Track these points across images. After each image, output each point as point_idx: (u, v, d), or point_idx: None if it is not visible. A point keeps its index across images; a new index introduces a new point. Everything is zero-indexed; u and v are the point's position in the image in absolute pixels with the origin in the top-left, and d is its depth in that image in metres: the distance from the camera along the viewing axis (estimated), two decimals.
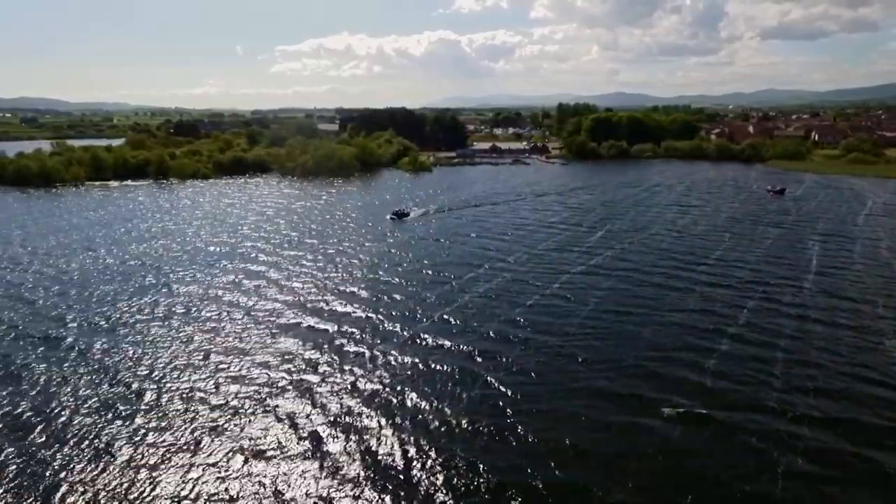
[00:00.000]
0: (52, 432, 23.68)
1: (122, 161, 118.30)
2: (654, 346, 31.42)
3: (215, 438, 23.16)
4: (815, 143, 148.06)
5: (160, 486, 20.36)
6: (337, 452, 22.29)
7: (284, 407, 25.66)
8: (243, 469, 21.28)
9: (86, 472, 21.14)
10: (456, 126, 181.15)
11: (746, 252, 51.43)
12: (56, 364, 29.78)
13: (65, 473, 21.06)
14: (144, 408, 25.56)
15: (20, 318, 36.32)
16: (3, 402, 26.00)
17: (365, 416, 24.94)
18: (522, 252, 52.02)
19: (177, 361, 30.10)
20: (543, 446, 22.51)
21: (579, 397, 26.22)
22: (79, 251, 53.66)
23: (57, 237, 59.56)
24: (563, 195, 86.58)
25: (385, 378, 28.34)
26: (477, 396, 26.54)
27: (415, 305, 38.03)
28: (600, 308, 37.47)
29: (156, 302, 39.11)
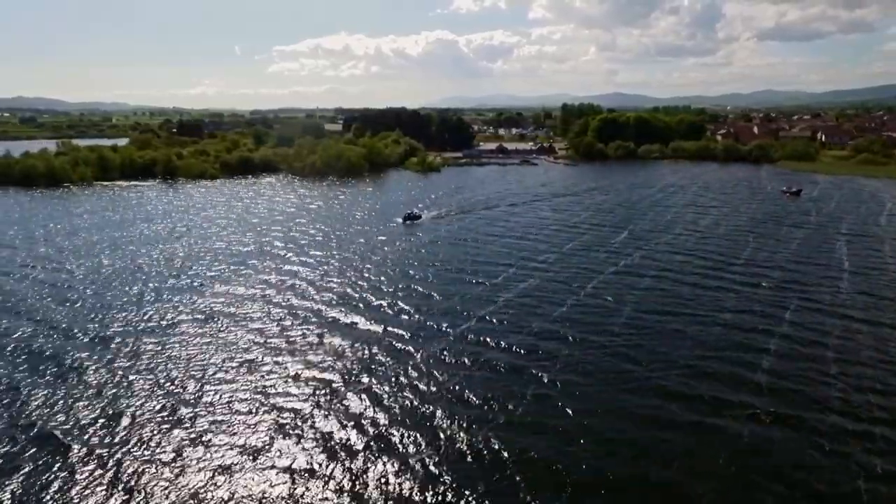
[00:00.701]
0: (113, 431, 23.65)
1: (129, 161, 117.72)
2: (703, 346, 31.56)
3: (279, 440, 23.20)
4: (823, 145, 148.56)
5: (225, 488, 20.16)
6: (405, 452, 22.36)
7: (344, 408, 25.64)
8: (315, 470, 21.29)
9: (148, 473, 21.15)
10: (461, 126, 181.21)
11: (775, 253, 51.57)
12: (108, 364, 29.75)
13: (129, 476, 21.05)
14: (203, 410, 25.56)
15: (65, 317, 36.24)
16: (65, 401, 25.95)
17: (427, 415, 24.99)
18: (550, 253, 52.01)
19: (229, 362, 30.09)
20: (613, 445, 22.69)
21: (639, 396, 26.41)
22: (107, 250, 53.64)
23: (81, 236, 59.43)
24: (579, 196, 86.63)
25: (440, 378, 28.34)
26: (536, 396, 26.60)
27: (453, 307, 37.92)
28: (640, 308, 37.50)
29: (195, 301, 39.12)
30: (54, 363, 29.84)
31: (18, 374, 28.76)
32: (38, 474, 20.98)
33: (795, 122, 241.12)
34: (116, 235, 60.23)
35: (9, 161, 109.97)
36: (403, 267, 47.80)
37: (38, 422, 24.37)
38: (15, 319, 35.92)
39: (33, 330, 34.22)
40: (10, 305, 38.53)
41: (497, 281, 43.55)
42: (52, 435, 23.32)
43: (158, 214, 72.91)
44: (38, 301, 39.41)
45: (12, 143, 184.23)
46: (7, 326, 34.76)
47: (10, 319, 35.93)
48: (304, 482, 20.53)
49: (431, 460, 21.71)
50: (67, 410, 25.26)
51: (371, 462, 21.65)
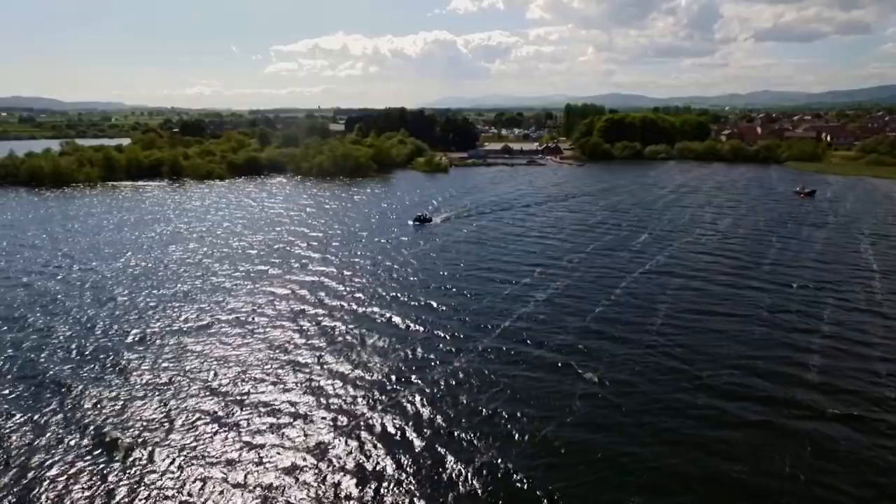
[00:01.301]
0: (166, 431, 23.56)
1: (135, 161, 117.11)
2: (747, 345, 31.83)
3: (337, 440, 23.19)
4: (829, 145, 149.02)
5: (257, 488, 19.94)
6: (467, 451, 22.27)
7: (399, 408, 25.64)
8: (377, 470, 21.28)
9: (206, 474, 21.09)
10: (466, 127, 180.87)
11: (800, 253, 51.70)
12: (153, 364, 29.66)
13: (188, 475, 20.98)
14: (255, 411, 25.51)
15: (102, 318, 36.05)
16: (116, 402, 25.86)
17: (484, 415, 24.95)
18: (574, 254, 51.92)
19: (272, 361, 30.01)
20: (675, 443, 22.71)
21: (692, 395, 26.37)
22: (131, 250, 53.65)
23: (102, 236, 59.59)
24: (592, 196, 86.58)
25: (489, 377, 28.24)
26: (587, 395, 26.70)
27: (487, 308, 37.82)
28: (677, 308, 37.54)
29: (226, 301, 39.12)
30: (99, 363, 29.77)
31: (67, 373, 28.65)
32: (99, 474, 20.91)
33: (797, 122, 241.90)
34: (136, 236, 60.10)
35: (14, 161, 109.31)
36: (428, 268, 47.69)
37: (93, 422, 24.28)
38: (54, 320, 35.81)
39: (74, 330, 34.12)
40: (47, 306, 38.42)
41: (526, 282, 43.41)
42: (106, 434, 23.23)
43: (174, 215, 72.58)
44: (74, 301, 39.26)
45: (13, 142, 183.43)
46: (49, 327, 34.66)
47: (48, 319, 35.87)
48: (368, 482, 20.51)
49: (496, 460, 21.74)
50: (119, 411, 25.18)
51: (434, 462, 21.69)
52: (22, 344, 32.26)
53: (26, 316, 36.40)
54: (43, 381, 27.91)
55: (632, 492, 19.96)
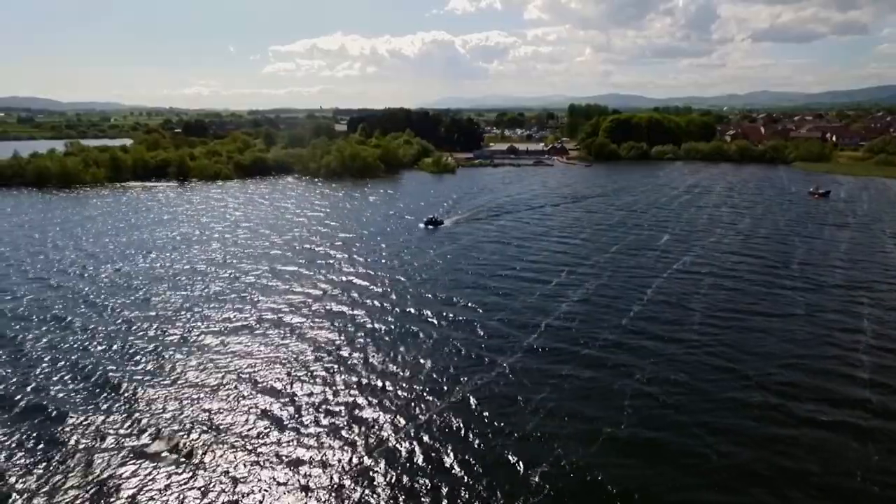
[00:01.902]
0: (218, 429, 23.54)
1: (141, 162, 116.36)
2: (793, 344, 32.17)
3: (380, 456, 23.11)
4: (835, 145, 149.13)
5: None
6: (508, 467, 21.92)
7: (442, 421, 25.34)
8: (411, 475, 21.28)
9: (250, 475, 21.09)
10: (471, 127, 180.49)
11: (827, 253, 51.68)
12: (199, 364, 29.55)
13: (220, 475, 21.00)
14: (293, 417, 25.44)
15: (141, 319, 35.89)
16: (172, 397, 25.83)
17: (524, 429, 24.28)
18: (598, 255, 51.82)
19: (313, 364, 30.01)
20: (738, 439, 22.64)
21: (746, 393, 26.42)
22: (154, 251, 53.43)
23: (124, 237, 59.21)
24: (606, 197, 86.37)
25: (535, 379, 27.95)
26: (639, 393, 26.81)
27: (519, 310, 37.60)
28: (713, 308, 37.55)
29: (261, 302, 38.90)
30: (146, 364, 29.76)
31: (116, 375, 28.50)
32: (159, 475, 20.94)
33: (799, 122, 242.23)
34: (157, 236, 60.01)
35: (20, 161, 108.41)
36: (456, 269, 47.63)
37: (148, 422, 24.21)
38: (92, 321, 35.63)
39: (115, 332, 33.97)
40: (82, 307, 38.22)
41: (556, 282, 43.29)
42: (163, 434, 23.20)
43: (190, 216, 72.19)
44: (108, 302, 39.10)
45: (13, 143, 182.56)
46: (88, 328, 34.48)
47: (86, 321, 35.64)
48: (435, 482, 20.50)
49: (562, 460, 21.71)
50: (174, 411, 25.14)
51: (500, 461, 21.68)
52: (64, 345, 32.15)
53: (64, 317, 36.27)
54: (95, 383, 27.85)
55: (703, 490, 20.12)
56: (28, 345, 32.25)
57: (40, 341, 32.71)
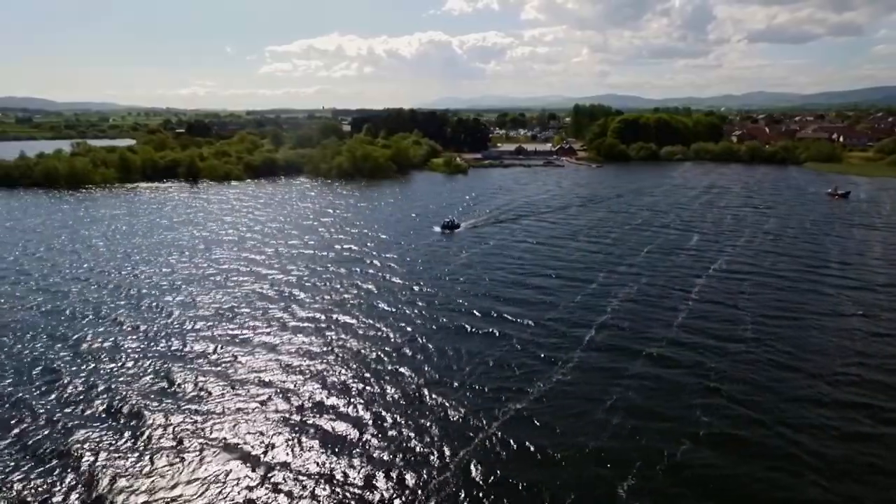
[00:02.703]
0: (270, 447, 23.39)
1: (150, 162, 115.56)
2: (853, 353, 31.86)
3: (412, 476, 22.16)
4: (843, 146, 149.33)
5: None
6: (583, 489, 21.69)
7: (503, 433, 24.92)
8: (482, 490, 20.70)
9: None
10: (478, 127, 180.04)
11: (863, 254, 51.93)
12: (248, 374, 29.40)
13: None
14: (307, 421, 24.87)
15: (177, 328, 35.70)
16: (228, 411, 25.68)
17: (596, 443, 24.08)
18: (631, 257, 51.67)
19: (363, 375, 29.86)
20: (803, 463, 22.05)
21: (807, 407, 25.87)
22: (174, 254, 52.79)
23: (143, 240, 58.48)
24: (624, 198, 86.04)
25: (589, 399, 26.75)
26: (695, 406, 25.98)
27: (560, 320, 36.18)
28: (761, 313, 37.39)
29: (296, 311, 38.55)
30: (188, 375, 29.48)
31: (152, 389, 28.40)
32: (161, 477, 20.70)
33: (802, 123, 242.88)
34: (177, 238, 59.65)
35: (28, 162, 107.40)
36: (489, 273, 47.02)
37: (160, 434, 24.04)
38: (122, 332, 35.33)
39: (149, 342, 33.72)
40: (111, 315, 37.71)
41: (594, 287, 42.82)
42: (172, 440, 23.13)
43: (207, 217, 71.65)
44: (138, 309, 38.71)
45: (14, 143, 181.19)
46: (119, 334, 34.28)
47: (117, 330, 35.32)
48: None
49: (651, 457, 21.60)
50: (231, 425, 24.93)
51: (572, 483, 21.30)
52: (88, 356, 31.77)
53: (96, 327, 35.90)
54: (124, 399, 27.52)
55: (804, 488, 20.22)
56: (86, 345, 32.00)
57: (103, 340, 32.38)
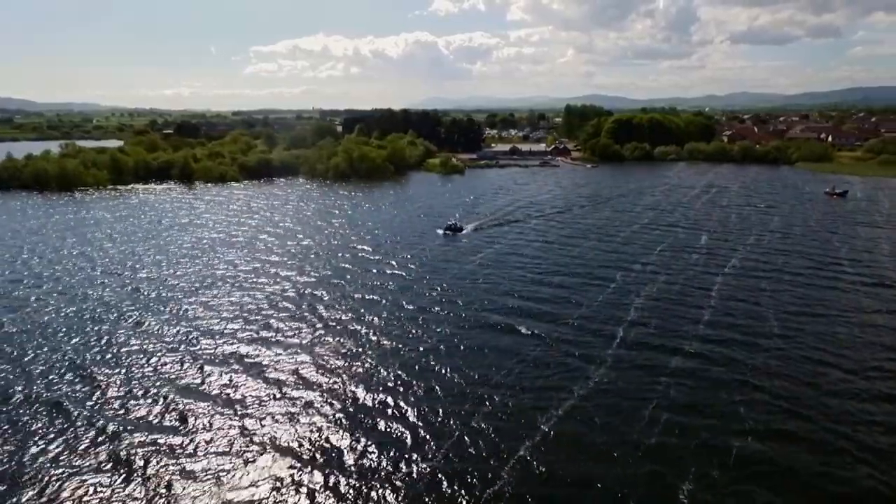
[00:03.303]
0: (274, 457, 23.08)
1: (142, 163, 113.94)
2: (884, 342, 32.52)
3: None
4: (832, 146, 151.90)
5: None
6: (650, 475, 22.07)
7: (546, 435, 24.83)
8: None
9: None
10: (472, 128, 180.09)
11: (872, 252, 53.02)
12: (255, 376, 29.26)
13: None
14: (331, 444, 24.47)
15: (186, 334, 35.37)
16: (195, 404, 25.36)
17: (645, 445, 24.47)
18: (645, 257, 51.98)
19: (387, 384, 29.75)
20: (855, 456, 22.55)
21: (851, 401, 26.45)
22: (181, 257, 52.30)
23: (144, 243, 57.63)
24: (627, 198, 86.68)
25: (631, 401, 26.99)
26: (736, 402, 26.48)
27: (587, 318, 36.44)
28: (785, 308, 38.46)
29: (313, 318, 38.43)
30: (200, 385, 29.28)
31: (169, 390, 28.21)
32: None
33: (789, 123, 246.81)
34: (180, 241, 59.32)
35: (16, 163, 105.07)
36: (503, 275, 46.93)
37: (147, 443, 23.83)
38: (135, 338, 35.02)
39: (163, 349, 33.42)
40: (120, 320, 37.30)
41: (614, 286, 43.19)
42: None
43: (208, 219, 70.74)
44: (150, 314, 38.33)
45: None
46: (142, 339, 33.94)
47: (129, 337, 34.99)
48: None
49: (711, 449, 21.96)
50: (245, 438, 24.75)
51: (616, 485, 21.41)
52: (122, 358, 31.50)
53: (123, 330, 35.59)
54: (152, 392, 27.44)
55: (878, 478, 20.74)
56: (117, 348, 31.49)
57: (134, 342, 31.83)
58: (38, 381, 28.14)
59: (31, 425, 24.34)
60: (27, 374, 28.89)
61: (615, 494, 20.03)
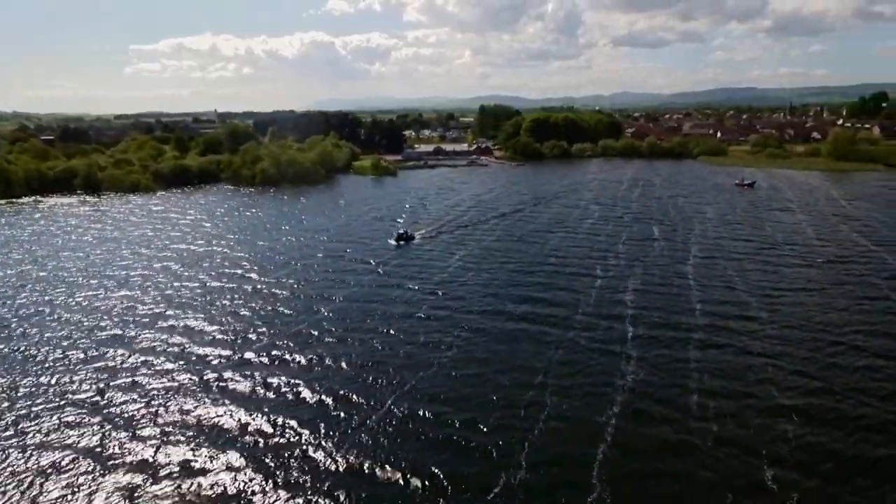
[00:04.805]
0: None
1: (35, 173, 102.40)
2: (859, 319, 37.50)
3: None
4: (723, 141, 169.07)
5: None
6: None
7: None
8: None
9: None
10: (393, 128, 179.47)
11: (802, 233, 60.77)
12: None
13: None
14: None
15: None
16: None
17: (700, 414, 27.18)
18: (614, 249, 56.08)
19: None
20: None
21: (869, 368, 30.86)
22: (110, 281, 47.85)
23: (79, 259, 51.84)
24: (567, 193, 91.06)
25: (676, 384, 29.87)
26: (777, 382, 30.04)
27: (590, 308, 39.25)
28: (758, 292, 42.94)
29: (229, 341, 36.50)
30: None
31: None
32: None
33: (676, 120, 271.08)
34: (99, 262, 53.25)
35: None
36: (487, 278, 47.92)
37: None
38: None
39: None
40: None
41: (600, 282, 45.62)
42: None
43: (135, 235, 64.79)
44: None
45: None
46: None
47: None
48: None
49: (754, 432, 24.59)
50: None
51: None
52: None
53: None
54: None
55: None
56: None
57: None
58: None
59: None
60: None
61: (703, 482, 21.96)
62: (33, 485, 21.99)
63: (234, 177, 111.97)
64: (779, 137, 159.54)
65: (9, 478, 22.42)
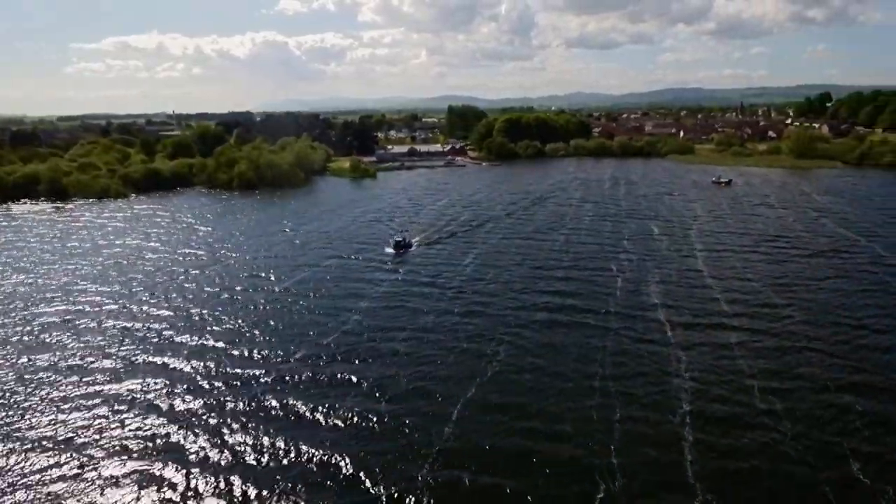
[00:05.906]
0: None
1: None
2: (857, 303, 40.22)
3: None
4: (688, 140, 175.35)
5: None
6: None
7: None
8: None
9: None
10: (364, 129, 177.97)
11: (789, 228, 64.35)
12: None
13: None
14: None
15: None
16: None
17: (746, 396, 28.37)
18: (620, 246, 58.15)
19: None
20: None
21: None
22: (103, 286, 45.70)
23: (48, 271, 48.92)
24: (555, 193, 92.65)
25: (735, 370, 31.84)
26: (819, 362, 32.27)
27: (627, 306, 40.90)
28: (772, 283, 45.44)
29: (218, 355, 36.66)
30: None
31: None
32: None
33: (634, 120, 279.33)
34: (79, 269, 51.01)
35: None
36: (508, 276, 48.81)
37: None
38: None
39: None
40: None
41: (622, 277, 47.47)
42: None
43: (117, 246, 62.29)
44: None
45: None
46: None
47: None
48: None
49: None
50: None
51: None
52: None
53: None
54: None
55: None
56: None
57: None
58: None
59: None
60: None
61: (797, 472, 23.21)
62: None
63: (209, 180, 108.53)
64: (739, 136, 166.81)
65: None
